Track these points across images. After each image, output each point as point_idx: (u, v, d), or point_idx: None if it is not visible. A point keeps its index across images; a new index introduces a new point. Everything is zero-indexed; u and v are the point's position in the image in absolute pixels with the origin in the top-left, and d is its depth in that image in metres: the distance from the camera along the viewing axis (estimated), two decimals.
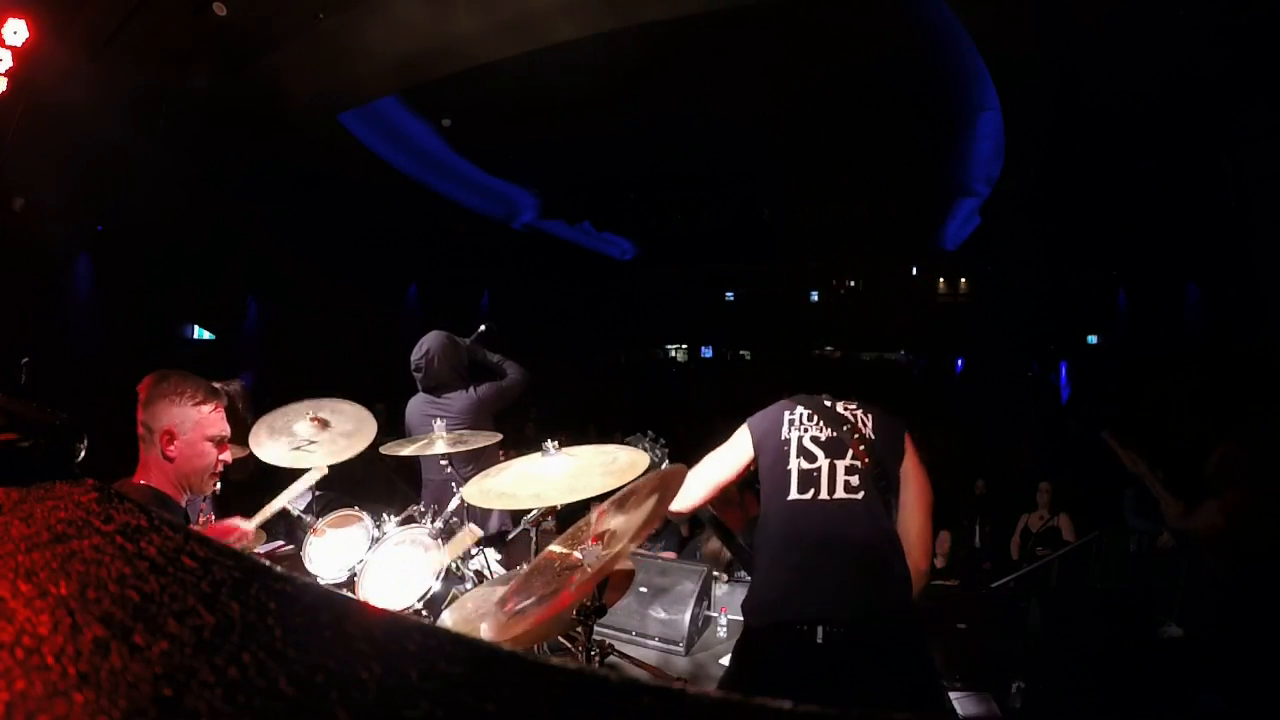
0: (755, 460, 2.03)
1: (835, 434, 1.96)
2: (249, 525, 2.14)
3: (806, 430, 1.99)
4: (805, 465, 1.93)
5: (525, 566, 2.28)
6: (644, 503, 1.81)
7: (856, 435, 1.95)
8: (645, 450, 2.48)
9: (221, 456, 1.86)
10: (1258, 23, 4.67)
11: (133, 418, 1.80)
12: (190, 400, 1.79)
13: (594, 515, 1.91)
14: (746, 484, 2.15)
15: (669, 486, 1.81)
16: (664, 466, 2.38)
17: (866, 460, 1.90)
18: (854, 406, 2.04)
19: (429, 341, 3.62)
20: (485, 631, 1.93)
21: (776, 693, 0.30)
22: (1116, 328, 11.73)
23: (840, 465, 1.90)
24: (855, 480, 1.87)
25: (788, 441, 1.98)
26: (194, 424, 1.79)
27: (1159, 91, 6.03)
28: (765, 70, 7.43)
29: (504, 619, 1.72)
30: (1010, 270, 12.24)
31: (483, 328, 3.79)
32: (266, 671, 0.29)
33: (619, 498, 1.92)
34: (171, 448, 1.77)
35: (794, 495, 1.89)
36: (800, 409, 2.04)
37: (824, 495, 1.87)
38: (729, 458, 2.06)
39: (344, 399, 3.02)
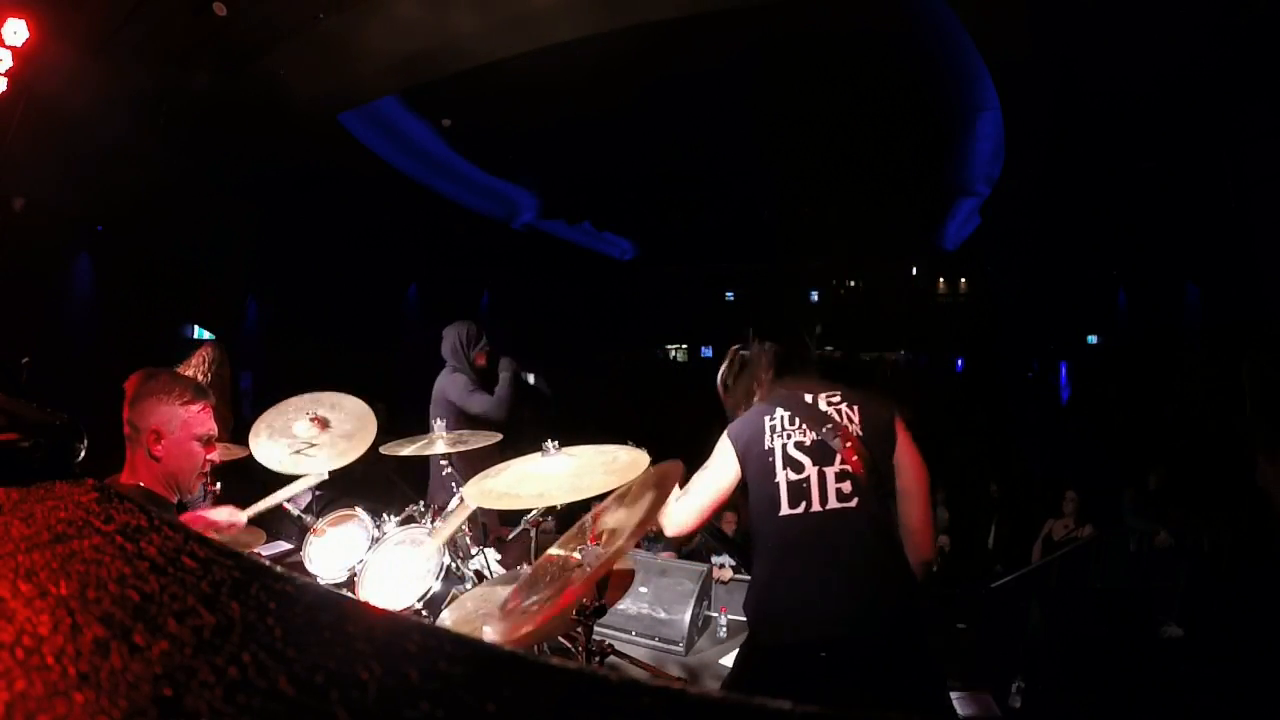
0: (742, 473, 1.94)
1: (820, 436, 1.85)
2: (241, 517, 2.10)
3: (790, 436, 1.87)
4: (793, 476, 1.83)
5: (525, 567, 2.27)
6: (640, 499, 1.81)
7: (843, 436, 1.84)
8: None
9: (208, 456, 1.83)
10: (1258, 23, 4.67)
11: None
12: (178, 399, 1.76)
13: (589, 516, 1.90)
14: (741, 497, 2.11)
15: (665, 482, 1.80)
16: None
17: (857, 462, 1.80)
18: (837, 399, 1.92)
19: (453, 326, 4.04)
20: (489, 636, 1.93)
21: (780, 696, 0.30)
22: (1116, 328, 11.73)
23: (830, 472, 1.81)
24: (847, 487, 1.79)
25: (771, 452, 1.87)
26: (181, 423, 1.76)
27: (1159, 91, 6.03)
28: (766, 70, 7.44)
29: (508, 622, 1.72)
30: (1010, 270, 12.24)
31: (501, 362, 3.98)
32: (266, 671, 0.29)
33: (616, 496, 1.91)
34: (158, 447, 1.74)
35: (785, 510, 1.81)
36: (780, 411, 1.92)
37: (816, 507, 1.79)
38: (717, 476, 1.97)
39: (344, 394, 3.02)
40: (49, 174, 5.14)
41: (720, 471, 1.96)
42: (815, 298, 17.93)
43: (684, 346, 19.64)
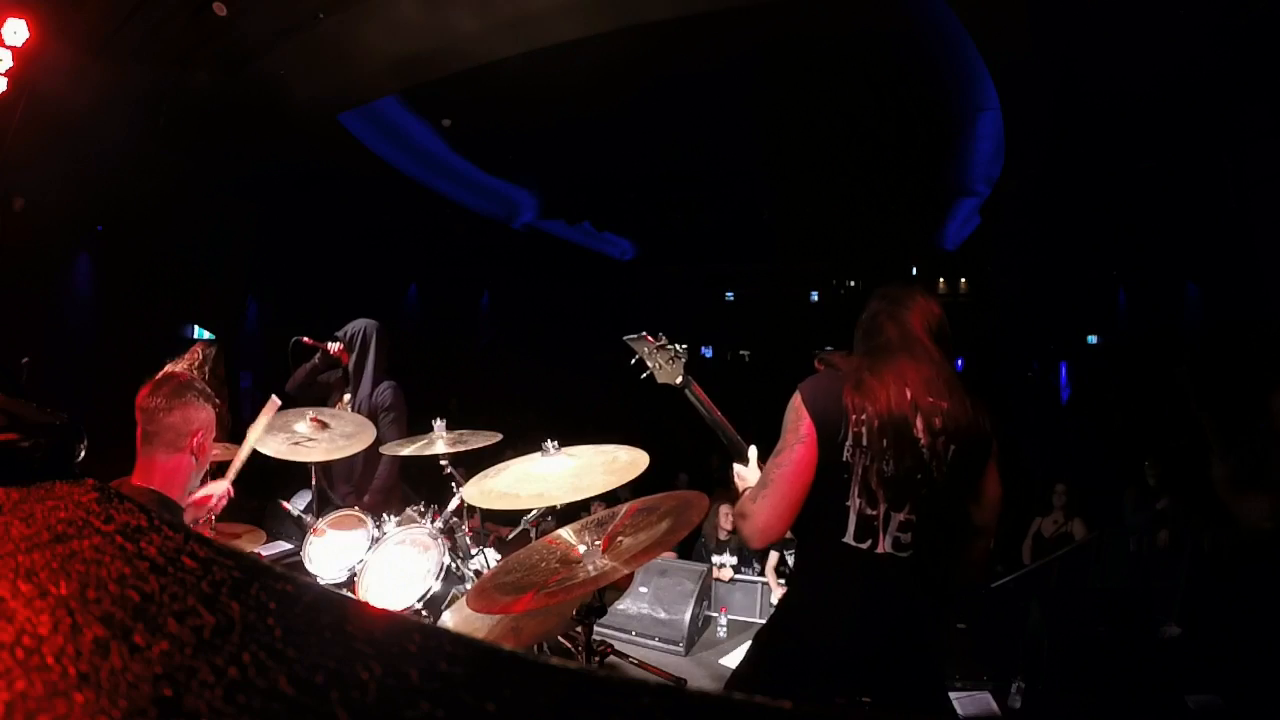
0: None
1: (902, 474, 1.62)
2: (224, 484, 2.19)
3: (874, 459, 1.63)
4: (867, 510, 1.64)
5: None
6: (656, 525, 1.80)
7: (925, 489, 1.63)
8: (646, 356, 2.20)
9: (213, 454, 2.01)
10: (1258, 23, 4.67)
11: (133, 417, 1.82)
12: (209, 404, 1.91)
13: (621, 511, 1.90)
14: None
15: (686, 514, 1.79)
16: (678, 380, 2.15)
17: (926, 516, 1.64)
18: (939, 425, 1.65)
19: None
20: (465, 598, 1.95)
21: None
22: (1116, 328, 11.72)
23: (897, 518, 1.63)
24: (907, 538, 1.63)
25: (848, 468, 1.64)
26: (211, 427, 1.90)
27: (1159, 91, 6.03)
28: (766, 70, 7.44)
29: (487, 589, 1.74)
30: (1010, 270, 12.22)
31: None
32: (266, 671, 0.29)
33: (639, 509, 1.91)
34: (203, 450, 1.87)
35: (849, 540, 1.64)
36: (868, 413, 1.64)
37: (879, 548, 1.64)
38: (797, 457, 1.66)
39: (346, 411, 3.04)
40: (49, 174, 5.14)
41: (798, 450, 1.66)
42: (815, 298, 17.90)
43: (684, 346, 19.59)
